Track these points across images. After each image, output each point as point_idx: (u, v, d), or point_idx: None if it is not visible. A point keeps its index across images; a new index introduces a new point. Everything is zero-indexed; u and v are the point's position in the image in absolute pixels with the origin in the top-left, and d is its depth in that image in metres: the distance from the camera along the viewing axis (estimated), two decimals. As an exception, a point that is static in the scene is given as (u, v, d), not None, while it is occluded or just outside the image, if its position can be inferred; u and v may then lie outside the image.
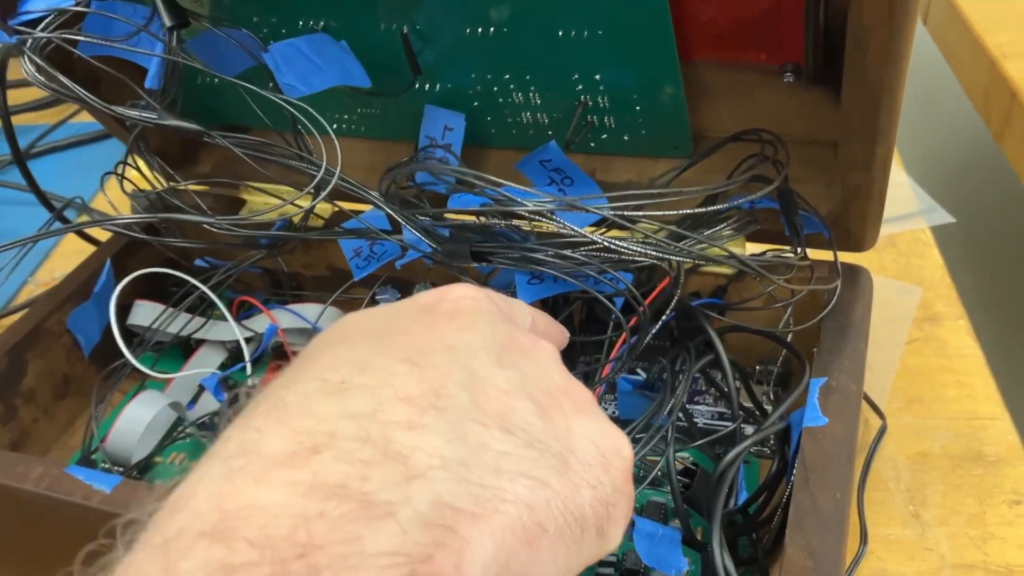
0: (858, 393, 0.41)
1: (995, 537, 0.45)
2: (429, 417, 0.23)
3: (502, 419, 0.24)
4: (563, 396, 0.27)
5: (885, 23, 0.33)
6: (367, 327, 0.27)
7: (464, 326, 0.27)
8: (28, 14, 0.40)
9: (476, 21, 0.44)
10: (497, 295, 0.31)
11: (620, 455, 0.27)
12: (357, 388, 0.23)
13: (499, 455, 0.23)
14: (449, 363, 0.25)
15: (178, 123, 0.41)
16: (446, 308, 0.28)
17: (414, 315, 0.28)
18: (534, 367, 0.27)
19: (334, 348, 0.25)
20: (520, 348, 0.28)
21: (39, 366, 0.50)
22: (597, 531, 0.25)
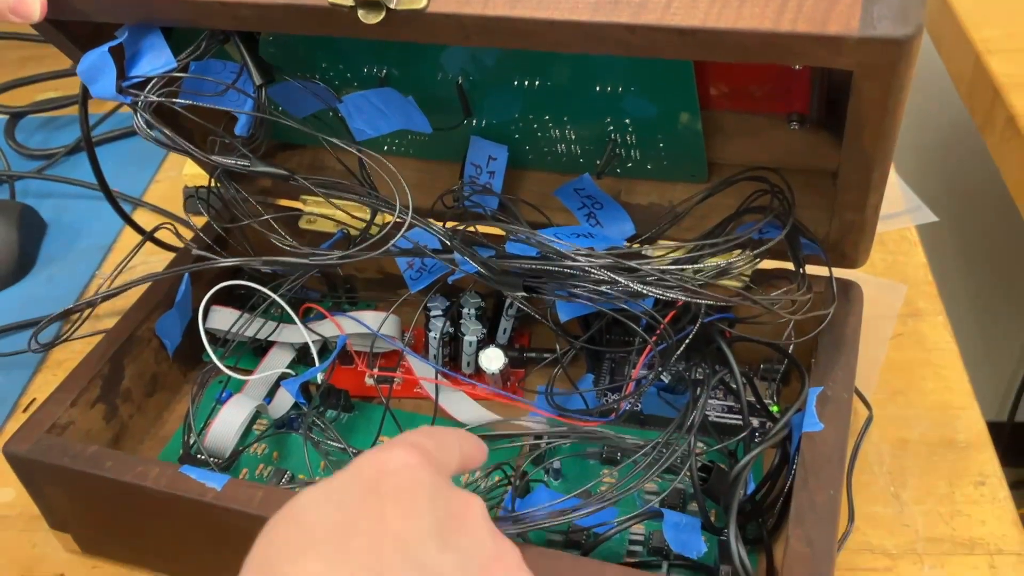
0: (849, 400, 0.49)
1: (962, 514, 0.53)
2: None
3: None
4: (495, 565, 0.33)
5: (880, 110, 0.39)
6: (321, 524, 0.30)
7: (408, 511, 0.31)
8: (137, 77, 0.46)
9: (524, 76, 0.50)
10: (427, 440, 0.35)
11: None
12: None
13: None
14: (401, 564, 0.29)
15: (268, 169, 0.47)
16: (389, 488, 0.32)
17: (361, 502, 0.31)
18: (470, 540, 0.32)
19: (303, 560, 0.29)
20: (456, 518, 0.33)
21: (133, 369, 0.57)
22: None
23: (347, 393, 0.57)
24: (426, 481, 0.33)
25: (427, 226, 0.48)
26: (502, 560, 0.33)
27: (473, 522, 0.33)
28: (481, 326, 0.58)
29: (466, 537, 0.33)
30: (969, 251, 1.25)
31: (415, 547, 0.30)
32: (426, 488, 0.33)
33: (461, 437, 0.38)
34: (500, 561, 0.33)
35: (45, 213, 0.81)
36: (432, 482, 0.33)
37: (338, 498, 0.32)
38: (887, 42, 0.35)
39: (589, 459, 0.54)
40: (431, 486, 0.33)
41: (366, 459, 0.33)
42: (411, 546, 0.30)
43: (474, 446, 0.39)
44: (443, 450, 0.36)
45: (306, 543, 0.30)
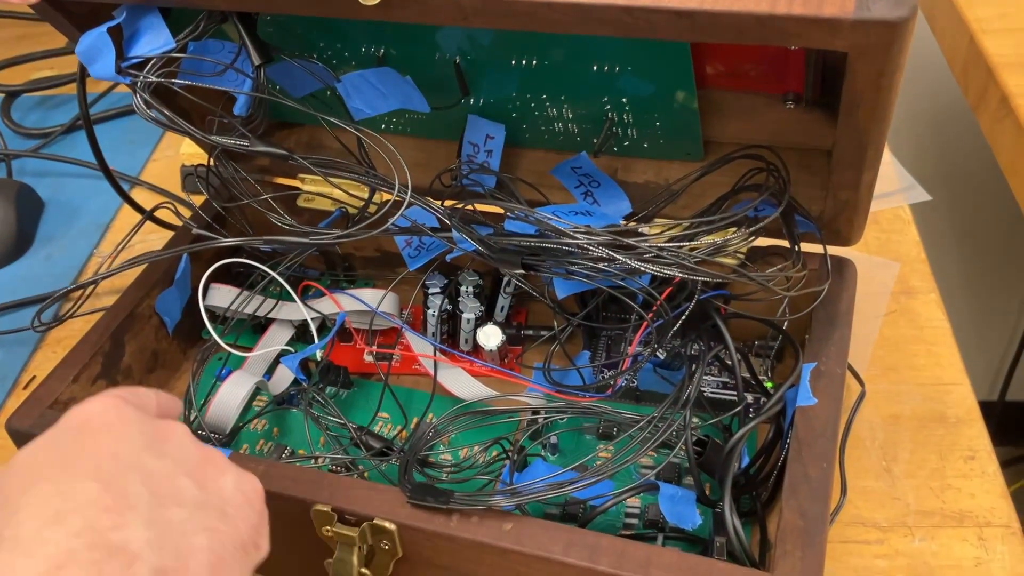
0: (842, 375, 0.49)
1: (951, 488, 0.54)
2: (127, 516, 0.32)
3: (175, 498, 0.34)
4: (206, 464, 0.37)
5: (874, 91, 0.40)
6: (44, 463, 0.34)
7: (118, 436, 0.35)
8: (136, 58, 0.46)
9: (522, 55, 0.50)
10: (124, 392, 0.38)
11: (256, 492, 0.38)
12: (69, 512, 0.31)
13: (181, 523, 0.33)
14: (124, 471, 0.33)
15: (267, 149, 0.48)
16: (97, 424, 0.35)
17: (77, 439, 0.35)
18: (178, 448, 0.36)
19: (34, 487, 0.32)
20: (163, 436, 0.37)
21: (134, 346, 0.57)
22: (254, 546, 0.36)
23: (346, 370, 0.58)
24: (129, 414, 0.36)
25: (426, 205, 0.49)
26: (211, 460, 0.37)
27: (178, 438, 0.37)
28: (479, 304, 0.59)
29: (175, 448, 0.36)
30: (962, 230, 1.26)
31: (132, 458, 0.34)
32: (130, 418, 0.36)
33: (156, 391, 0.42)
34: (208, 462, 0.37)
35: (42, 192, 0.82)
36: (134, 414, 0.37)
37: (50, 444, 0.35)
38: (882, 24, 0.35)
39: (586, 434, 0.55)
40: (134, 417, 0.36)
41: (70, 412, 0.36)
42: (128, 458, 0.34)
43: (167, 398, 0.43)
44: (138, 397, 0.40)
45: (31, 478, 0.33)
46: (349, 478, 0.47)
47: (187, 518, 0.34)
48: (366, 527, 0.44)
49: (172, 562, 0.32)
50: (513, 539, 0.42)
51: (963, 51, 0.86)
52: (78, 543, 0.30)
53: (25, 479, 0.33)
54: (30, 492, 0.32)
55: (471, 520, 0.43)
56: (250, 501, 0.37)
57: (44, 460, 0.34)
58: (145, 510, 0.32)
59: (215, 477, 0.36)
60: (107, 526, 0.31)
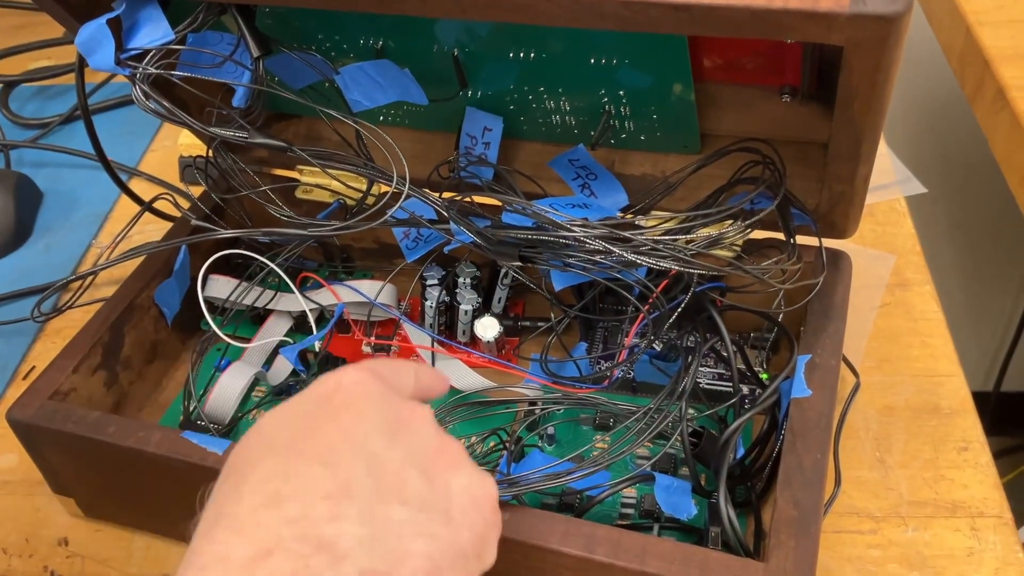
0: (836, 367, 0.50)
1: (945, 479, 0.54)
2: (344, 507, 0.31)
3: (399, 493, 0.33)
4: (440, 457, 0.35)
5: (870, 85, 0.40)
6: (280, 434, 0.33)
7: (358, 414, 0.34)
8: (135, 50, 0.46)
9: (520, 48, 0.50)
10: (382, 366, 0.37)
11: (488, 496, 0.36)
12: (288, 496, 0.30)
13: (400, 523, 0.32)
14: (352, 456, 0.32)
15: (266, 141, 0.48)
16: (341, 399, 0.34)
17: (318, 412, 0.34)
18: (415, 435, 0.35)
19: (263, 461, 0.32)
20: (403, 421, 0.35)
21: (133, 336, 0.58)
22: (477, 557, 0.35)
23: (345, 361, 0.58)
24: (376, 392, 0.35)
25: (424, 197, 0.49)
26: (445, 453, 0.36)
27: (419, 424, 0.36)
28: (476, 295, 0.59)
29: (412, 435, 0.35)
30: (957, 222, 1.27)
31: (364, 441, 0.33)
32: (375, 397, 0.35)
33: (418, 367, 0.41)
34: (444, 454, 0.36)
35: (41, 182, 0.82)
36: (381, 392, 0.36)
37: (295, 411, 0.34)
38: (877, 19, 0.35)
39: (582, 425, 0.55)
40: (380, 396, 0.35)
41: (321, 379, 0.36)
42: (361, 441, 0.33)
43: (432, 375, 0.42)
44: (397, 374, 0.38)
45: (265, 449, 0.32)
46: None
47: (407, 519, 0.32)
48: (364, 517, 0.44)
49: (383, 566, 0.30)
50: (510, 528, 0.43)
51: (959, 43, 0.86)
52: (289, 532, 0.29)
53: (260, 449, 0.33)
54: (259, 465, 0.31)
55: (469, 510, 0.44)
56: (479, 506, 0.35)
57: (280, 431, 0.33)
58: (365, 503, 0.31)
59: (446, 473, 0.35)
60: (322, 516, 0.30)
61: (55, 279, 0.68)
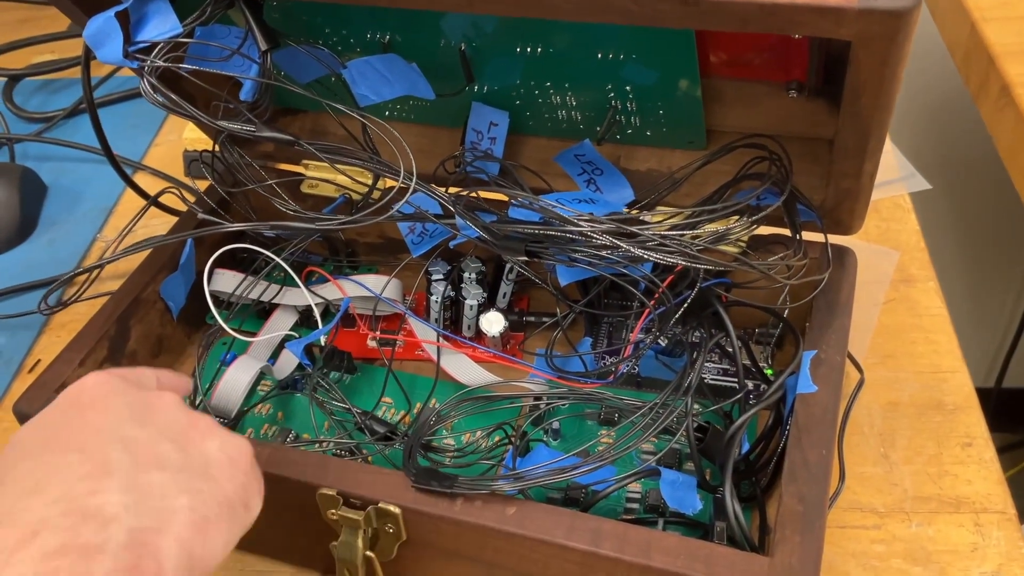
0: (841, 363, 0.50)
1: (949, 474, 0.54)
2: (105, 482, 0.33)
3: (155, 462, 0.35)
4: (191, 430, 0.37)
5: (877, 80, 0.40)
6: (33, 440, 0.35)
7: (104, 409, 0.36)
8: (143, 43, 0.46)
9: (527, 43, 0.50)
10: (123, 370, 0.40)
11: (243, 453, 0.38)
12: (47, 483, 0.32)
13: (162, 485, 0.34)
14: (106, 441, 0.35)
15: (273, 134, 0.48)
16: (86, 400, 0.37)
17: (65, 415, 0.36)
18: (164, 417, 0.37)
19: (19, 464, 0.34)
20: (150, 406, 0.38)
21: (139, 330, 0.58)
22: (243, 506, 0.37)
23: (350, 355, 0.59)
24: (118, 387, 0.38)
25: (431, 191, 0.49)
26: (196, 426, 0.38)
27: (166, 406, 0.38)
28: (482, 290, 0.59)
29: (161, 416, 0.37)
30: (962, 219, 1.26)
31: (115, 428, 0.35)
32: (117, 392, 0.37)
33: (158, 371, 0.43)
34: (195, 427, 0.38)
35: (45, 176, 0.82)
36: (124, 387, 0.38)
37: (44, 420, 0.37)
38: (887, 14, 0.35)
39: (587, 420, 0.55)
40: (123, 390, 0.38)
41: (65, 391, 0.38)
42: (111, 429, 0.35)
43: (172, 376, 0.44)
44: (136, 374, 0.41)
45: (20, 455, 0.35)
46: (354, 462, 0.47)
47: (168, 481, 0.34)
48: (371, 511, 0.44)
49: (151, 522, 0.32)
50: (516, 523, 0.43)
51: (964, 39, 0.86)
52: (53, 510, 0.31)
53: (16, 456, 0.35)
54: (16, 467, 0.34)
55: (475, 504, 0.44)
56: (235, 462, 0.37)
57: (34, 437, 0.36)
58: (124, 476, 0.33)
59: (199, 441, 0.37)
60: (83, 492, 0.32)
61: (60, 273, 0.68)
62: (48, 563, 0.30)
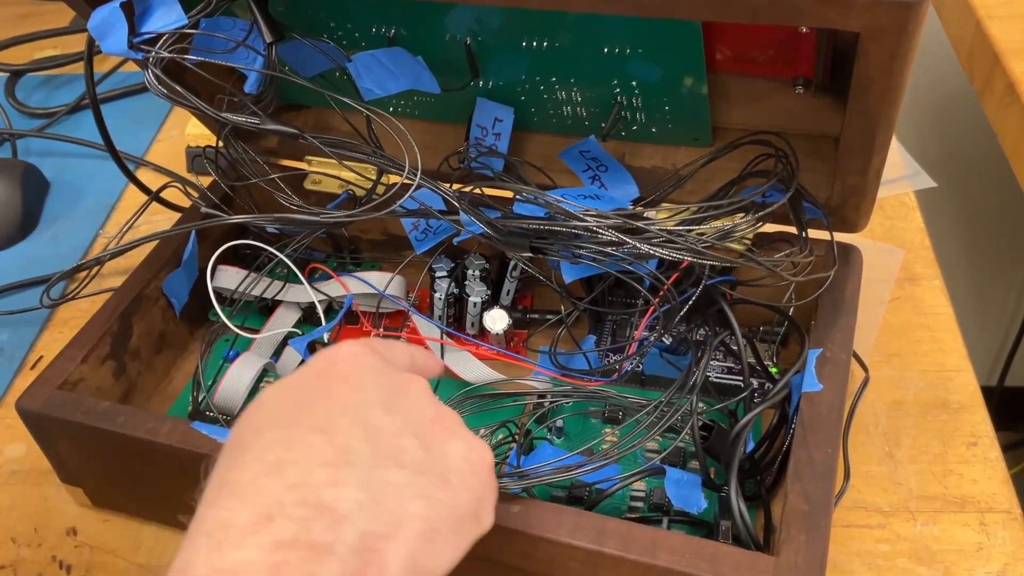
0: (847, 362, 0.49)
1: (954, 473, 0.54)
2: (343, 473, 0.31)
3: (396, 459, 0.33)
4: (436, 424, 0.36)
5: (886, 74, 0.40)
6: (281, 407, 0.34)
7: (356, 386, 0.35)
8: (148, 34, 0.46)
9: (533, 38, 0.50)
10: (378, 343, 0.38)
11: (484, 461, 0.36)
12: (288, 463, 0.31)
13: (398, 487, 0.32)
14: (350, 424, 0.33)
15: (277, 127, 0.48)
16: (339, 371, 0.36)
17: (314, 385, 0.35)
18: (412, 404, 0.36)
19: (264, 432, 0.33)
20: (400, 391, 0.36)
21: (142, 327, 0.58)
22: (475, 519, 0.35)
23: (353, 352, 0.58)
24: (372, 364, 0.36)
25: (436, 187, 0.49)
26: (442, 421, 0.36)
27: (415, 394, 0.37)
28: (485, 287, 0.59)
29: (409, 404, 0.36)
30: (966, 217, 1.26)
31: (361, 411, 0.34)
32: (371, 369, 0.36)
33: (414, 348, 0.42)
34: (440, 422, 0.36)
35: (47, 172, 0.81)
36: (377, 365, 0.37)
37: (294, 384, 0.35)
38: (897, 5, 0.35)
39: (591, 418, 0.55)
40: (376, 368, 0.36)
41: (320, 353, 0.37)
42: (358, 410, 0.34)
43: (427, 356, 0.42)
44: (392, 350, 0.39)
45: (266, 421, 0.33)
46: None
47: (405, 482, 0.33)
48: (374, 507, 0.44)
49: (382, 527, 0.31)
50: (520, 521, 0.43)
51: (969, 37, 0.86)
52: (290, 496, 0.30)
53: (261, 421, 0.34)
54: (260, 436, 0.32)
55: (479, 501, 0.44)
56: (476, 471, 0.36)
57: (281, 403, 0.34)
58: (364, 468, 0.32)
59: (443, 440, 0.35)
60: (321, 482, 0.31)
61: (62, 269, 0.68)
62: (278, 554, 0.29)
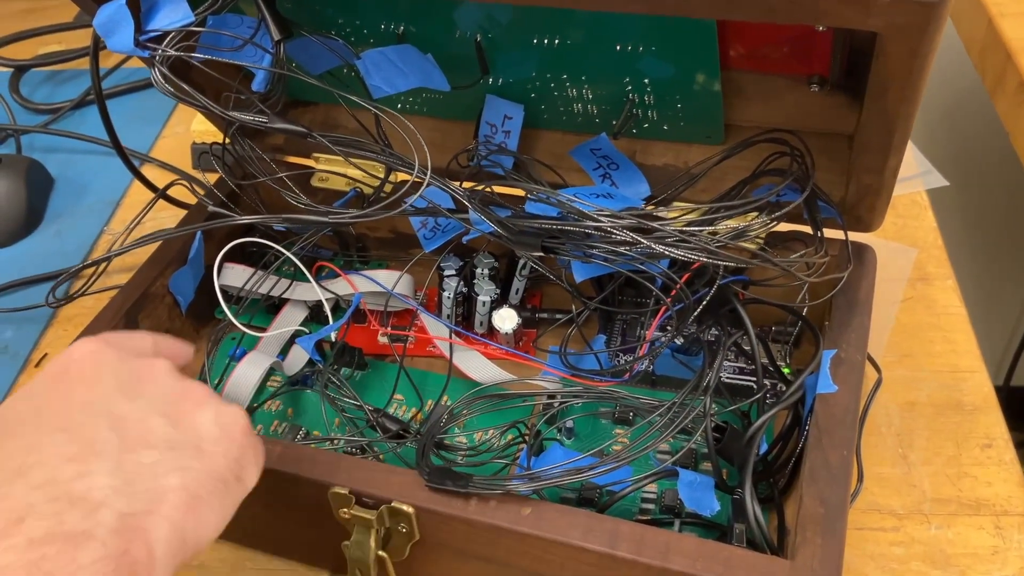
0: (862, 363, 0.49)
1: (968, 476, 0.54)
2: (92, 464, 0.32)
3: (144, 440, 0.34)
4: (183, 400, 0.36)
5: (905, 73, 0.39)
6: (18, 416, 0.34)
7: (92, 381, 0.35)
8: (154, 31, 0.46)
9: (545, 34, 0.49)
10: (113, 336, 0.38)
11: (237, 424, 0.37)
12: (32, 465, 0.31)
13: (151, 465, 0.33)
14: (92, 417, 0.34)
15: (286, 126, 0.47)
16: (73, 372, 0.36)
17: (51, 389, 0.35)
18: (155, 386, 0.36)
19: (5, 443, 0.33)
20: (140, 375, 0.36)
21: (147, 325, 0.57)
22: (236, 480, 0.36)
23: (361, 351, 0.58)
24: (108, 357, 0.37)
25: (445, 186, 0.48)
26: (189, 395, 0.37)
27: (158, 375, 0.37)
28: (494, 286, 0.58)
29: (152, 386, 0.36)
30: (978, 216, 1.25)
31: (103, 403, 0.34)
32: (107, 363, 0.36)
33: (156, 336, 0.42)
34: (187, 396, 0.37)
35: (52, 168, 0.81)
36: (114, 357, 0.37)
37: (29, 395, 0.35)
38: (919, 4, 0.35)
39: (601, 419, 0.54)
40: (113, 360, 0.37)
41: (53, 360, 0.37)
42: (99, 404, 0.34)
43: (172, 342, 0.42)
44: (130, 339, 0.40)
45: (6, 432, 0.33)
46: (367, 461, 0.46)
47: (158, 460, 0.33)
48: (384, 510, 0.44)
49: (141, 505, 0.32)
50: (532, 524, 0.42)
51: (981, 35, 0.85)
52: (38, 496, 0.30)
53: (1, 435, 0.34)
54: (1, 448, 0.33)
55: (489, 504, 0.43)
56: (229, 434, 0.36)
57: (18, 413, 0.35)
58: (112, 456, 0.32)
59: (192, 412, 0.36)
60: (69, 476, 0.31)
61: (67, 266, 0.68)
62: (34, 551, 0.29)
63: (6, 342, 0.67)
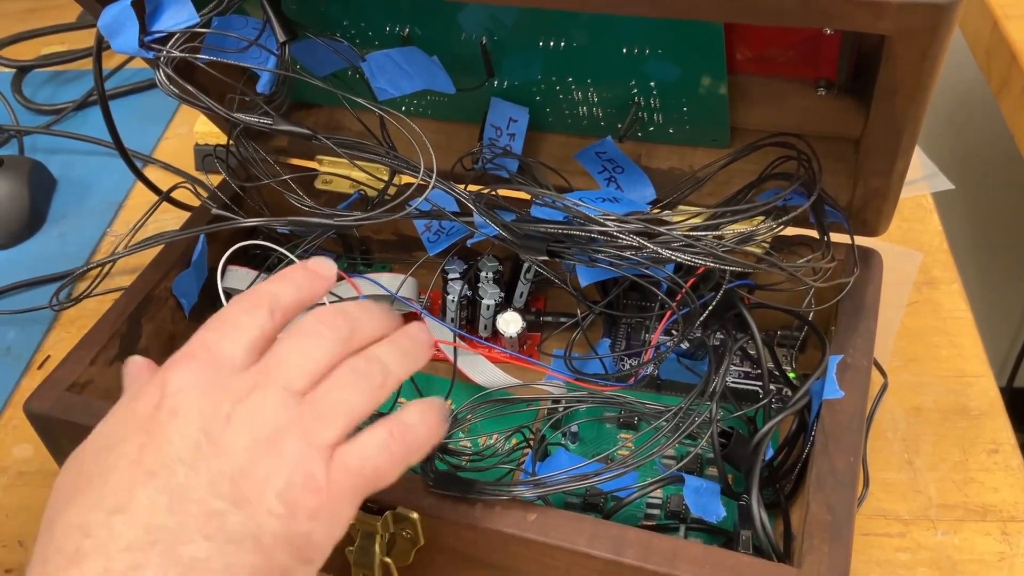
0: (868, 368, 0.49)
1: (974, 481, 0.53)
2: (146, 555, 0.31)
3: (203, 528, 0.32)
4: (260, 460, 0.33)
5: (915, 76, 0.39)
6: (88, 470, 0.33)
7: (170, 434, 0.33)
8: (159, 32, 0.45)
9: (551, 37, 0.49)
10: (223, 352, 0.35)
11: (311, 489, 0.33)
12: (88, 552, 0.31)
13: (205, 560, 0.31)
14: (153, 494, 0.32)
15: (290, 128, 0.47)
16: (155, 425, 0.33)
17: (129, 439, 0.33)
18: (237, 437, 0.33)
19: (68, 511, 0.32)
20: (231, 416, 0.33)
21: (151, 328, 0.57)
22: (302, 562, 0.34)
23: (364, 353, 0.57)
24: (194, 398, 0.34)
25: (451, 188, 0.48)
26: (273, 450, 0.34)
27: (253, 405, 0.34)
28: (499, 290, 0.58)
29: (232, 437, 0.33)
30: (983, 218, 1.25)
31: (166, 475, 0.32)
32: (193, 405, 0.34)
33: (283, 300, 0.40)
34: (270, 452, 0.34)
35: (54, 169, 0.81)
36: (208, 388, 0.34)
37: (106, 444, 0.34)
38: (930, 7, 0.34)
39: (606, 423, 0.54)
40: (199, 399, 0.34)
41: (148, 386, 0.35)
42: (161, 476, 0.32)
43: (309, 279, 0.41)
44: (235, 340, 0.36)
45: (71, 493, 0.33)
46: (371, 465, 0.46)
47: (213, 554, 0.32)
48: (388, 516, 0.43)
49: None
50: (537, 530, 0.42)
51: (986, 37, 0.85)
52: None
53: (68, 491, 0.33)
54: (64, 515, 0.32)
55: (494, 510, 0.43)
56: (297, 510, 0.33)
57: (88, 467, 0.34)
58: (167, 546, 0.31)
59: (261, 486, 0.33)
60: (123, 569, 0.30)
61: (70, 267, 0.68)
62: None
63: (9, 344, 0.67)
